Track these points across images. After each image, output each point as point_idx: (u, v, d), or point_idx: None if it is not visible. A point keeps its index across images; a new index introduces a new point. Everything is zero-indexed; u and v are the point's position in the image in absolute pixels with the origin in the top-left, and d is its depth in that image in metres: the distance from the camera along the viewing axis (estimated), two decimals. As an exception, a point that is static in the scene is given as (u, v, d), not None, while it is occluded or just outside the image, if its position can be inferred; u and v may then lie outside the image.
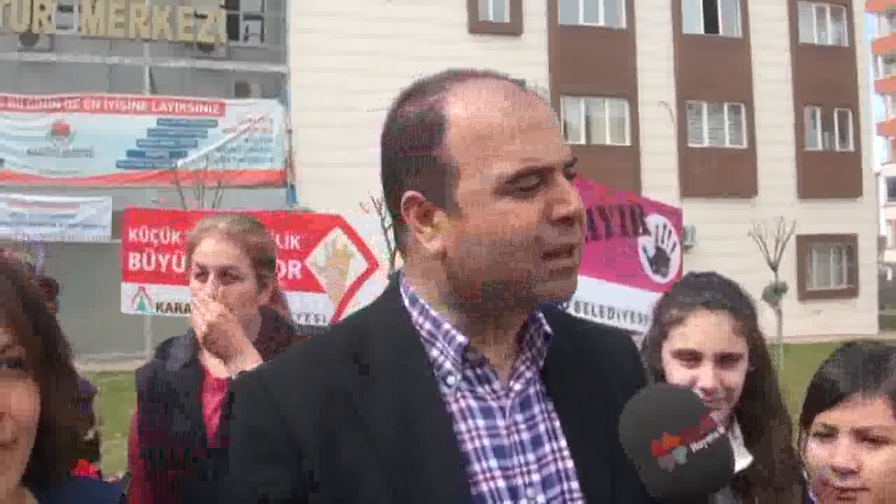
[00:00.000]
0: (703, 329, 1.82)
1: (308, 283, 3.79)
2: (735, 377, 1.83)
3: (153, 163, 18.20)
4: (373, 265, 4.02)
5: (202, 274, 2.25)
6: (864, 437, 1.48)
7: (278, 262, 3.80)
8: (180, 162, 17.95)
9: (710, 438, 1.01)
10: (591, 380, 1.20)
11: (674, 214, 3.72)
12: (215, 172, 16.73)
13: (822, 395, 1.54)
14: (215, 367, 2.28)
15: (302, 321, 3.85)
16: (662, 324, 1.90)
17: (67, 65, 18.61)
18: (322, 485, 1.07)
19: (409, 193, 1.12)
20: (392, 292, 1.21)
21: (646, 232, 3.46)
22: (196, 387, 2.25)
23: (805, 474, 1.69)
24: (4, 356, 1.02)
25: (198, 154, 18.36)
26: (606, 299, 3.16)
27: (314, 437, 1.07)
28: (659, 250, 3.49)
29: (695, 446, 1.00)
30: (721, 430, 1.03)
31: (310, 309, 3.88)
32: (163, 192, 15.92)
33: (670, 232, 3.60)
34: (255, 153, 19.14)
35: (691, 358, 1.82)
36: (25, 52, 18.78)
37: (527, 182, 1.07)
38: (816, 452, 1.53)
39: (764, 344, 1.93)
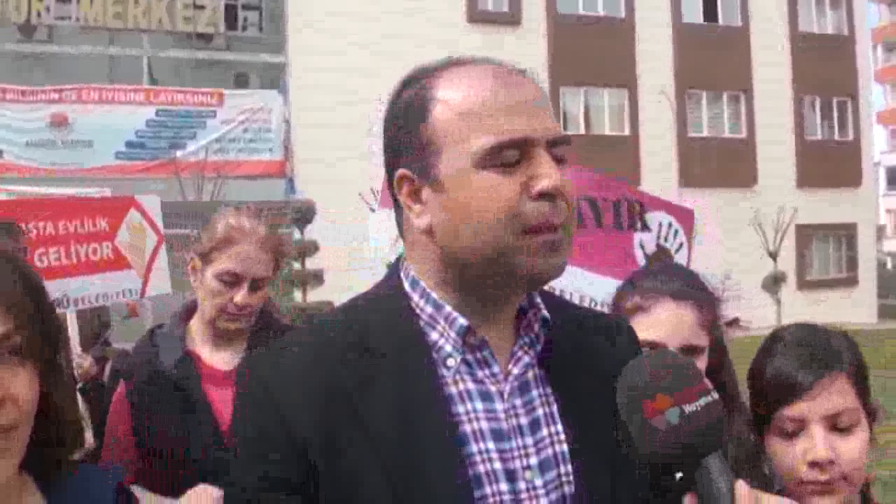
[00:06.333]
0: (670, 319, 1.78)
1: (120, 261, 3.93)
2: None
3: (153, 154, 18.20)
4: (160, 239, 4.18)
5: (232, 282, 2.20)
6: (835, 424, 1.44)
7: (94, 245, 3.83)
8: (180, 153, 17.92)
9: (703, 401, 1.00)
10: (590, 368, 1.19)
11: (684, 215, 3.56)
12: (215, 163, 16.69)
13: (780, 391, 1.47)
14: (211, 357, 2.25)
15: (120, 299, 4.05)
16: (625, 310, 1.83)
17: (66, 56, 18.58)
18: (322, 485, 1.07)
19: (400, 172, 1.15)
20: (392, 277, 1.21)
21: (644, 228, 3.35)
22: (198, 382, 2.19)
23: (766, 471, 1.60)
24: (6, 343, 1.03)
25: (197, 145, 18.34)
26: (589, 290, 3.10)
27: (314, 438, 1.07)
28: (660, 248, 3.40)
29: (688, 408, 0.99)
30: (715, 394, 1.03)
31: (124, 286, 4.00)
32: (163, 183, 15.89)
33: (677, 231, 3.46)
34: (254, 144, 19.14)
35: (654, 348, 1.75)
36: (24, 44, 18.76)
37: (507, 156, 1.08)
38: (785, 450, 1.46)
39: (722, 337, 1.89)
